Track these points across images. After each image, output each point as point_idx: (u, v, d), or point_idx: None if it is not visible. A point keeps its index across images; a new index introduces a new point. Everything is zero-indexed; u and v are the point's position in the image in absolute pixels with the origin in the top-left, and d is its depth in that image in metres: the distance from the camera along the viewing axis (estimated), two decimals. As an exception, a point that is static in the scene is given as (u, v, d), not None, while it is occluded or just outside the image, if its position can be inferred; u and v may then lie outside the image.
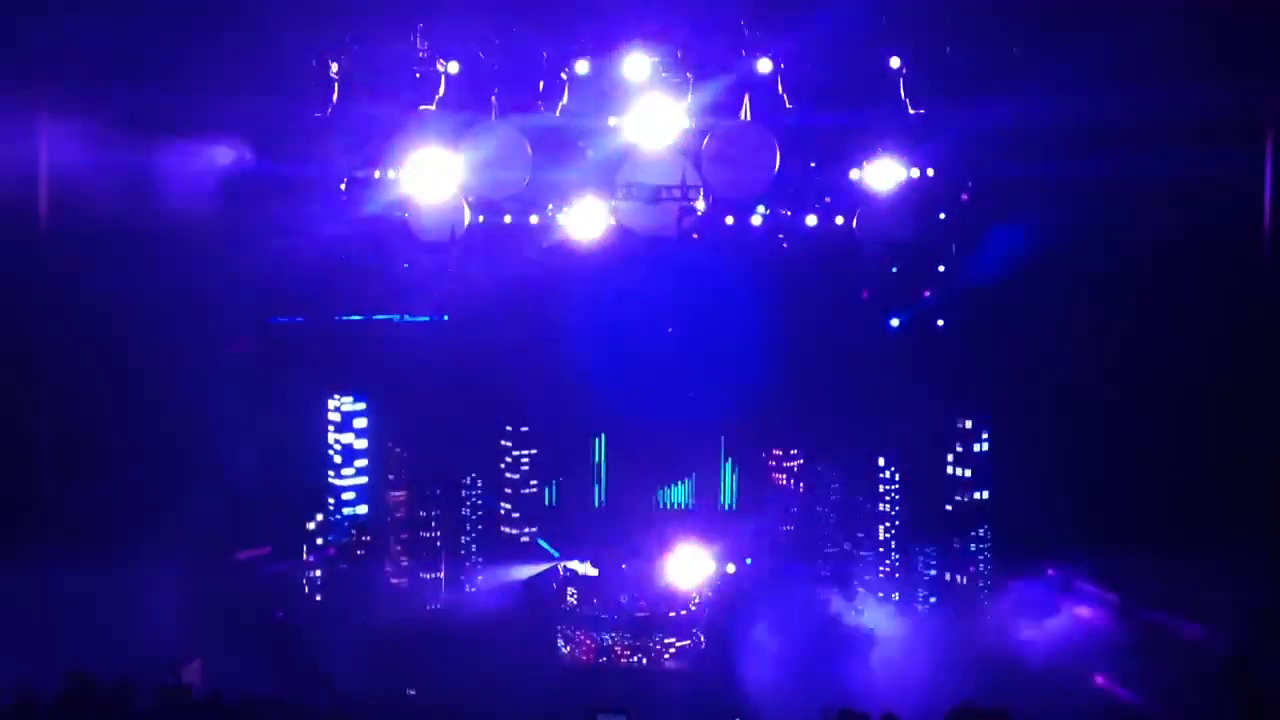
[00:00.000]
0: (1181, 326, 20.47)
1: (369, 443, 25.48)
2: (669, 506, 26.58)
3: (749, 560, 25.96)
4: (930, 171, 20.71)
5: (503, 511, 26.59)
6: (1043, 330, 21.83)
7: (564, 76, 20.12)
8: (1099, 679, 21.63)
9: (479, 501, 26.39)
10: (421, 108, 20.54)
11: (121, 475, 20.52)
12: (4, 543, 19.38)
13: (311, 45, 19.82)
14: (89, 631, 18.72)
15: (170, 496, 21.05)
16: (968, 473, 24.42)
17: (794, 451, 26.62)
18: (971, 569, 24.40)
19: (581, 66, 19.65)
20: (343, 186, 21.56)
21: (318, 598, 25.00)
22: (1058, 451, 22.21)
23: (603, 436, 26.49)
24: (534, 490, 26.65)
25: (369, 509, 25.54)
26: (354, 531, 25.18)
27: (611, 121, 20.76)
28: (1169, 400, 20.72)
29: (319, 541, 25.10)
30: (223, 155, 20.00)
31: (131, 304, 20.34)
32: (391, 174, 21.31)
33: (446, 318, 24.60)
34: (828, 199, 21.49)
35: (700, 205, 21.42)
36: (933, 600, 24.69)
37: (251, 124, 19.81)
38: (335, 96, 20.25)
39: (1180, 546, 19.92)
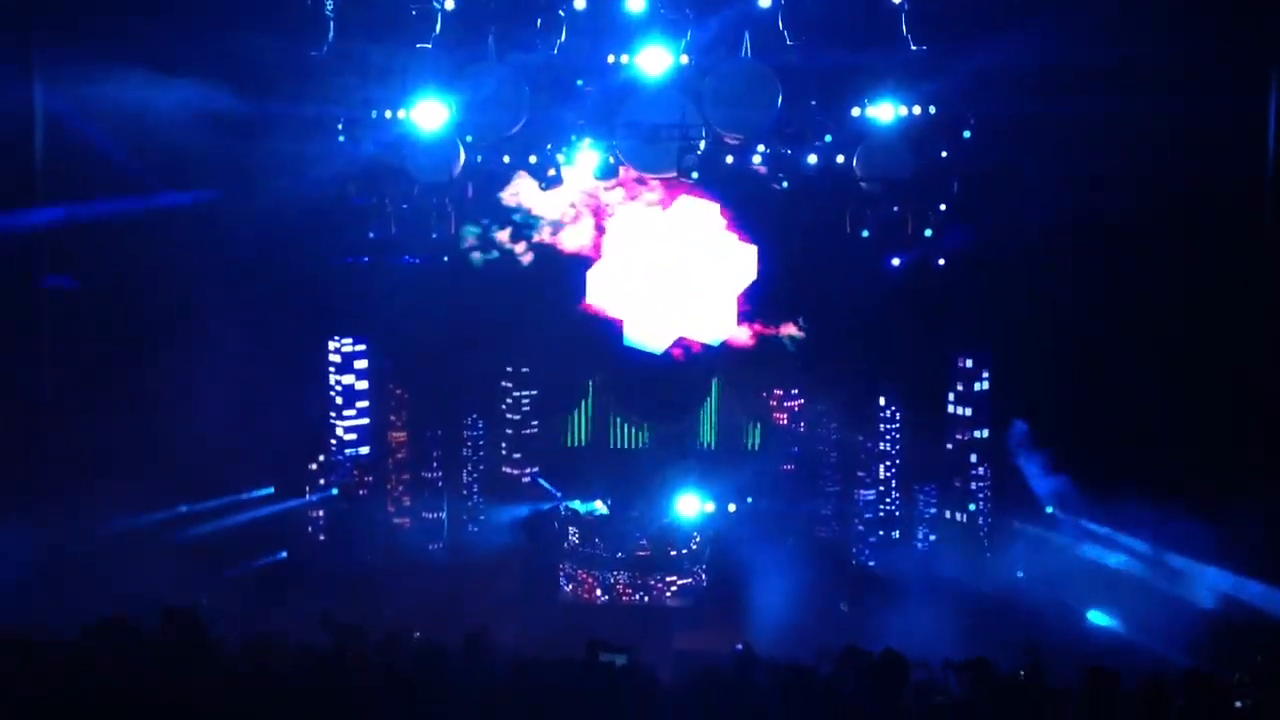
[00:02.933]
0: (1184, 266, 20.42)
1: (370, 384, 25.49)
2: (669, 446, 26.65)
3: (750, 499, 26.08)
4: (931, 109, 20.50)
5: (503, 451, 26.69)
6: (1044, 269, 21.76)
7: (561, 14, 19.84)
8: (1095, 616, 21.82)
9: (480, 442, 26.48)
10: (418, 46, 20.29)
11: (122, 418, 20.51)
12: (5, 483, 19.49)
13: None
14: (92, 573, 18.90)
15: (172, 439, 21.10)
16: (968, 411, 24.45)
17: (794, 391, 26.66)
18: (971, 507, 24.50)
19: (579, 3, 19.40)
20: (340, 126, 21.37)
21: (321, 537, 25.16)
22: (1058, 390, 22.19)
23: (603, 377, 26.51)
24: (534, 430, 26.72)
25: (371, 449, 25.61)
26: (356, 472, 25.28)
27: (610, 59, 20.53)
28: (1170, 340, 20.72)
29: (321, 482, 25.20)
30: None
31: (128, 245, 20.30)
32: (389, 114, 21.10)
33: (446, 259, 24.48)
34: (828, 137, 21.28)
35: (700, 144, 21.23)
36: (933, 538, 24.84)
37: (247, 63, 19.58)
38: (331, 35, 20.00)
39: (1179, 485, 19.97)
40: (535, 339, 25.73)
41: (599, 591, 24.71)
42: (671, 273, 24.56)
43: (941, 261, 22.24)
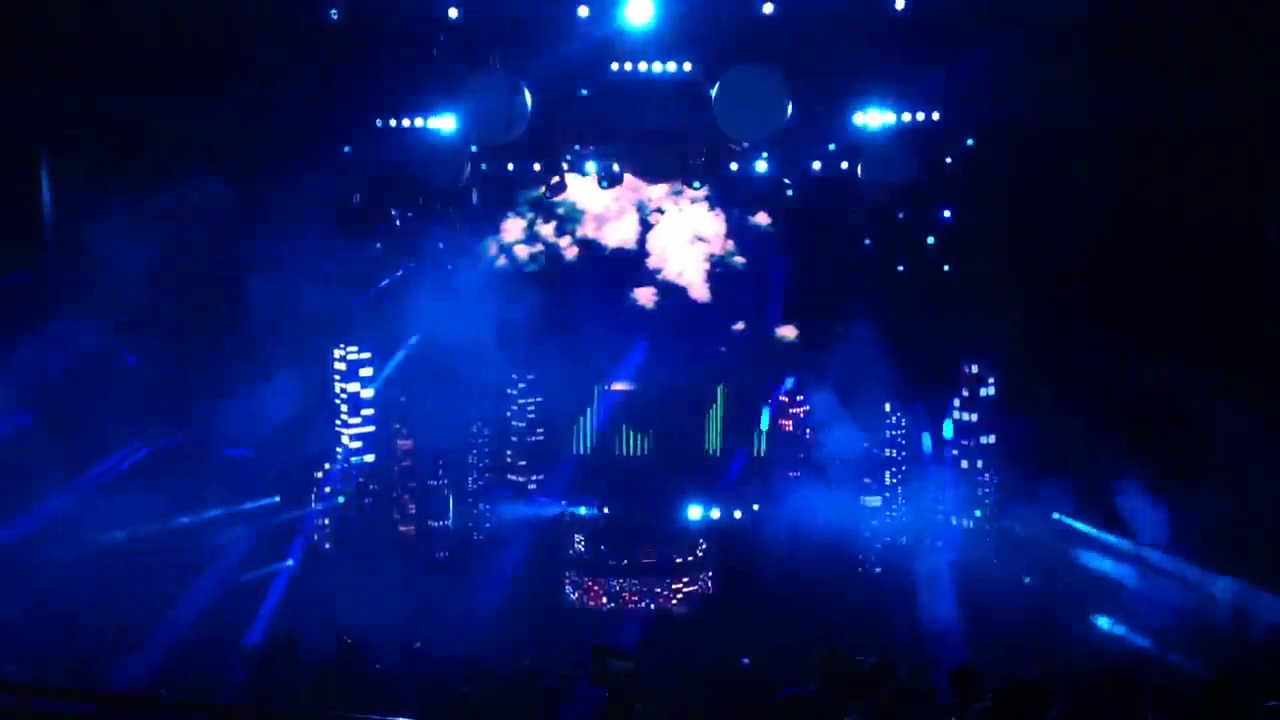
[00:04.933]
0: (1190, 270, 20.39)
1: (375, 391, 25.50)
2: (675, 453, 26.66)
3: (755, 506, 26.05)
4: (935, 116, 20.47)
5: (509, 459, 26.68)
6: (1050, 274, 21.71)
7: (565, 22, 19.83)
8: (1102, 622, 21.75)
9: (486, 449, 26.45)
10: (423, 55, 20.31)
11: (129, 431, 20.56)
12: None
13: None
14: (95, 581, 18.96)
15: (176, 448, 21.14)
16: (974, 417, 24.40)
17: (800, 397, 26.65)
18: (978, 513, 24.43)
19: (583, 11, 19.39)
20: (346, 135, 21.40)
21: (326, 546, 25.13)
22: (1064, 395, 22.11)
23: (608, 384, 26.51)
24: (540, 438, 26.71)
25: (376, 457, 25.61)
26: (362, 480, 25.26)
27: (614, 66, 20.55)
28: (1176, 343, 20.68)
29: (327, 490, 25.19)
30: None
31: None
32: (394, 122, 21.14)
33: (451, 268, 24.54)
34: (832, 146, 21.29)
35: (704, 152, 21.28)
36: (939, 544, 24.73)
37: (251, 74, 19.63)
38: (337, 45, 20.02)
39: (1187, 489, 19.89)
40: (541, 346, 25.76)
41: (604, 598, 24.67)
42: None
43: (946, 268, 22.23)
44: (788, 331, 24.86)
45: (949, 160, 21.09)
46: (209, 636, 17.47)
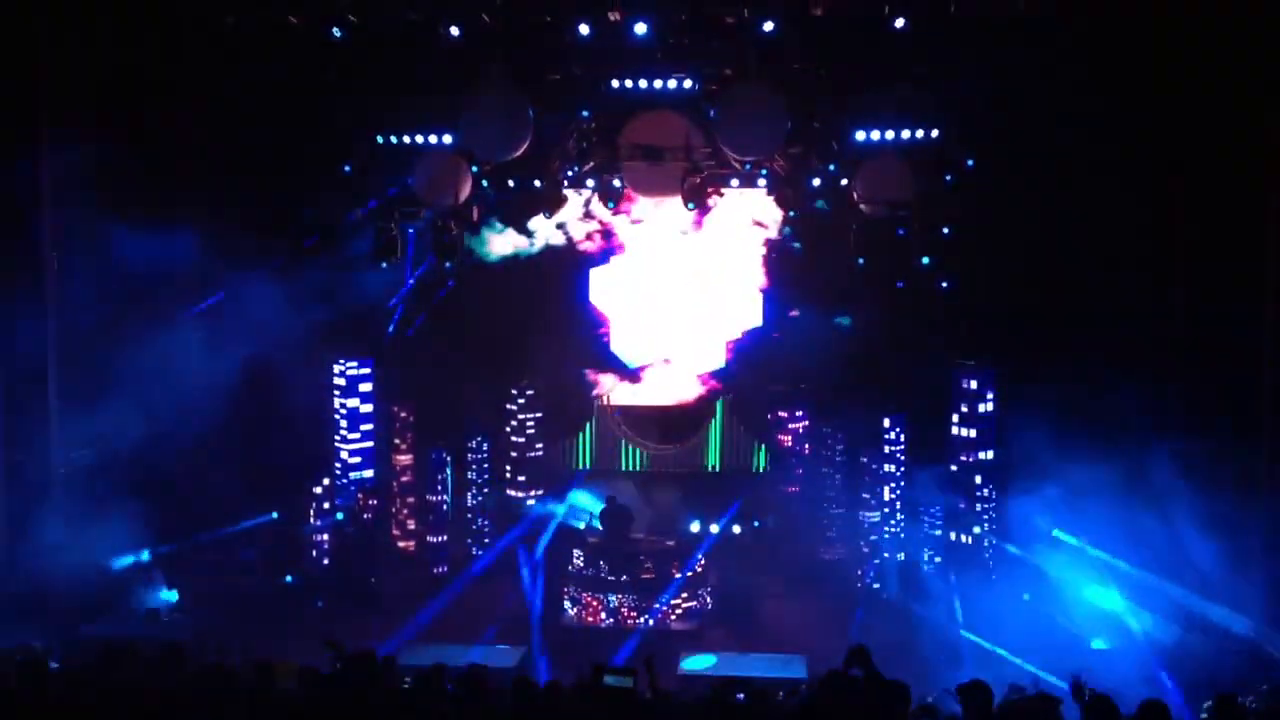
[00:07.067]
0: (1193, 288, 20.46)
1: (374, 407, 25.51)
2: (674, 468, 26.68)
3: (756, 522, 26.06)
4: (935, 133, 20.53)
5: (508, 474, 26.67)
6: (1052, 288, 21.76)
7: (566, 39, 19.91)
8: (1098, 643, 21.71)
9: (485, 464, 26.45)
10: (423, 73, 20.38)
11: (129, 444, 20.55)
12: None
13: (310, 9, 19.59)
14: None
15: (175, 464, 21.13)
16: (972, 433, 24.38)
17: (799, 413, 26.67)
18: (976, 529, 24.39)
19: (584, 28, 19.48)
20: (345, 151, 21.46)
21: (325, 562, 25.11)
22: (1064, 412, 22.12)
23: (607, 398, 26.55)
24: (539, 453, 26.71)
25: (375, 473, 25.60)
26: (360, 495, 25.25)
27: (615, 83, 20.64)
28: (1177, 359, 20.73)
29: (326, 506, 25.17)
30: None
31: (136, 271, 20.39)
32: (394, 139, 21.22)
33: (452, 283, 24.58)
34: (833, 167, 21.34)
35: (704, 167, 21.32)
36: (939, 560, 24.71)
37: (249, 91, 19.72)
38: (335, 61, 20.09)
39: (1192, 511, 19.87)
40: (540, 360, 25.81)
41: (603, 614, 24.62)
42: (674, 294, 25.11)
43: (945, 285, 22.25)
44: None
45: (948, 178, 21.12)
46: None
